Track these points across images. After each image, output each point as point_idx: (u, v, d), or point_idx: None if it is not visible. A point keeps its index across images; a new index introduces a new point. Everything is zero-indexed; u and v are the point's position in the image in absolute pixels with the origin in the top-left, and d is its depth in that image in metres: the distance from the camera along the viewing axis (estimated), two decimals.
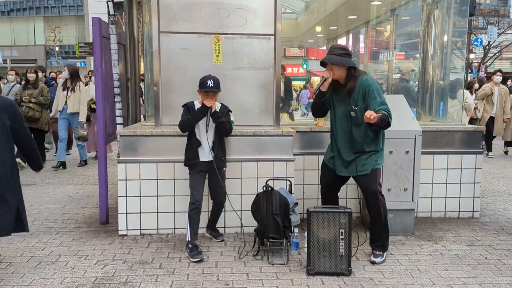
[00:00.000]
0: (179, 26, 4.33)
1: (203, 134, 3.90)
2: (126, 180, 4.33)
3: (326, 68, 3.69)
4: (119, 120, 4.97)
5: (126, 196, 4.35)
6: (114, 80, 4.94)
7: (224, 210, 4.32)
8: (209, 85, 3.79)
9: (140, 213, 4.38)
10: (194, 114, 3.84)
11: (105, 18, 4.90)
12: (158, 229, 4.41)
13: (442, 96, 5.79)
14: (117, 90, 4.96)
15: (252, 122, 4.49)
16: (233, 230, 4.45)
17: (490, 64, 31.38)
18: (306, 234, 3.58)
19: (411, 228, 4.49)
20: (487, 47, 29.69)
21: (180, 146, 4.27)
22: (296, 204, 4.06)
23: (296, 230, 3.98)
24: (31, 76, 7.74)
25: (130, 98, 5.47)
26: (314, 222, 3.48)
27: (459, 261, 3.86)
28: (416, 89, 6.55)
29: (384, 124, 3.49)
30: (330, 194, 3.98)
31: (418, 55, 6.50)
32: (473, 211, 5.10)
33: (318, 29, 10.90)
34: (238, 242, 4.22)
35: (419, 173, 4.40)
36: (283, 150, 4.42)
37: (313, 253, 3.48)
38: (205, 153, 3.93)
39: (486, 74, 25.80)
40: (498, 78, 9.58)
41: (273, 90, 4.47)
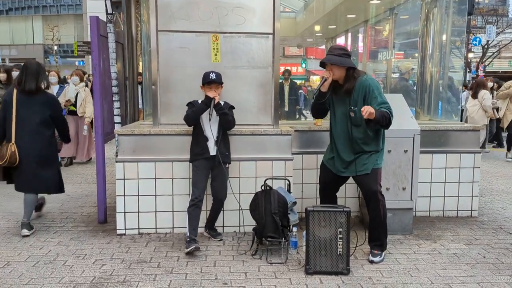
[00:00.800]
0: (178, 25, 4.31)
1: (207, 128, 3.99)
2: (124, 179, 4.32)
3: (325, 68, 3.69)
4: (117, 119, 4.97)
5: (124, 195, 4.34)
6: (112, 79, 4.93)
7: (222, 210, 4.32)
8: (211, 77, 3.91)
9: (138, 212, 4.37)
10: (198, 105, 3.95)
11: (103, 17, 4.89)
12: (156, 228, 4.40)
13: (440, 95, 5.79)
14: (115, 89, 4.96)
15: (250, 121, 4.48)
16: (231, 229, 4.44)
17: (489, 63, 31.40)
18: (305, 233, 3.58)
19: (410, 227, 4.49)
20: (486, 47, 29.72)
21: (178, 145, 4.27)
22: (294, 203, 4.06)
23: (294, 229, 3.98)
24: (2, 76, 7.25)
25: (128, 97, 5.46)
26: (313, 221, 3.47)
27: (458, 260, 3.86)
28: (415, 88, 6.55)
29: (385, 121, 3.48)
30: (329, 194, 3.97)
31: (417, 55, 6.49)
32: (471, 210, 5.10)
33: (317, 28, 10.90)
34: (236, 241, 4.21)
35: (418, 172, 4.40)
36: (282, 149, 4.42)
37: (311, 252, 3.48)
38: (211, 146, 4.00)
39: (484, 74, 25.84)
40: None
41: (271, 89, 4.47)
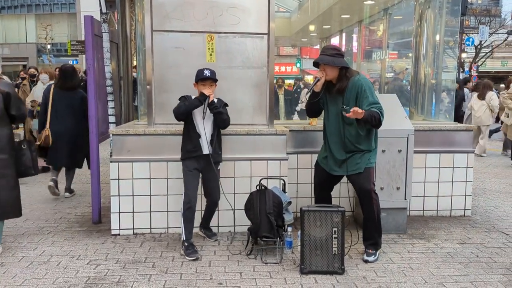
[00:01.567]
0: (172, 25, 4.31)
1: (201, 125, 3.86)
2: (118, 179, 4.31)
3: (319, 68, 3.70)
4: (112, 119, 4.95)
5: (119, 195, 4.33)
6: (106, 78, 4.92)
7: (217, 209, 4.32)
8: (206, 74, 3.79)
9: (133, 212, 4.36)
10: (191, 100, 3.79)
11: (97, 16, 4.87)
12: (151, 228, 4.39)
13: (434, 95, 5.82)
14: (109, 89, 4.94)
15: (245, 121, 4.48)
16: (226, 229, 4.45)
17: (482, 63, 31.62)
18: (300, 233, 3.58)
19: (404, 226, 4.51)
20: (479, 47, 29.91)
21: (173, 145, 4.25)
22: (289, 203, 4.07)
23: (289, 229, 3.99)
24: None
25: (123, 96, 5.45)
26: (308, 221, 3.48)
27: (451, 259, 3.88)
28: (409, 88, 6.59)
29: (375, 121, 3.49)
30: (323, 193, 3.99)
31: (410, 54, 6.53)
32: (464, 210, 5.14)
33: (312, 28, 10.95)
34: (231, 241, 4.21)
35: (412, 172, 4.42)
36: (277, 149, 4.42)
37: (306, 252, 3.49)
38: (204, 145, 3.88)
39: (477, 74, 26.02)
40: None
41: (266, 89, 4.47)
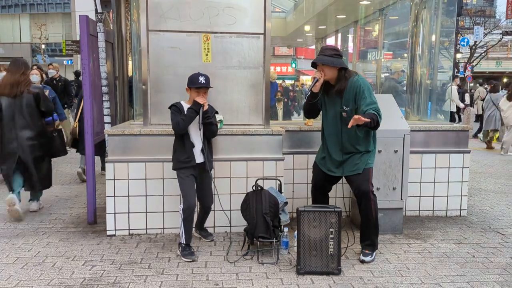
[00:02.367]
0: (168, 25, 4.29)
1: (196, 134, 3.82)
2: (114, 179, 4.29)
3: (317, 69, 3.69)
4: (107, 119, 4.93)
5: (115, 196, 4.31)
6: (102, 78, 4.89)
7: (213, 210, 4.31)
8: (201, 81, 3.73)
9: (128, 213, 4.34)
10: (188, 113, 3.72)
11: (92, 16, 4.85)
12: (146, 229, 4.38)
13: (430, 95, 5.83)
14: (105, 89, 4.92)
15: (241, 121, 4.47)
16: (222, 230, 4.43)
17: (477, 64, 31.77)
18: (296, 233, 3.58)
19: (400, 227, 4.51)
20: (474, 47, 30.05)
21: (169, 145, 4.22)
22: (285, 203, 4.06)
23: (285, 229, 3.98)
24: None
25: (118, 97, 5.42)
26: (304, 222, 3.48)
27: (447, 259, 3.89)
28: (404, 88, 6.60)
29: (373, 124, 3.49)
30: (320, 194, 3.98)
31: (406, 55, 6.54)
32: (460, 210, 5.15)
33: (307, 28, 10.94)
34: (227, 242, 4.20)
35: (408, 172, 4.43)
36: (273, 149, 4.42)
37: (303, 252, 3.48)
38: (197, 154, 3.85)
39: (472, 74, 26.12)
40: None
41: (262, 89, 4.47)
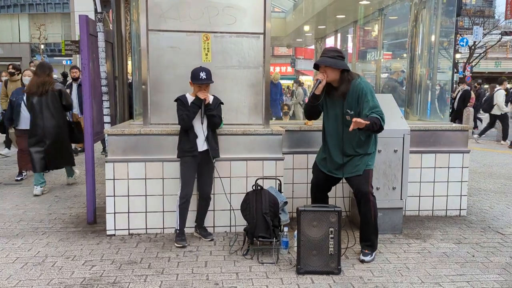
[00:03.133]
0: (168, 24, 4.29)
1: (199, 126, 4.00)
2: (114, 179, 4.29)
3: (319, 71, 3.69)
4: (107, 119, 4.92)
5: (114, 195, 4.30)
6: (101, 78, 4.89)
7: (213, 210, 4.31)
8: (201, 77, 3.90)
9: (128, 212, 4.34)
10: (190, 108, 3.93)
11: (91, 16, 4.84)
12: (146, 228, 4.37)
13: (429, 95, 5.83)
14: (104, 89, 4.91)
15: (241, 121, 4.48)
16: (222, 230, 4.43)
17: (476, 64, 31.80)
18: (296, 233, 3.58)
19: (400, 226, 4.52)
20: (473, 47, 30.08)
21: (169, 145, 4.24)
22: (285, 203, 4.06)
23: (285, 229, 3.98)
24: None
25: (118, 96, 5.42)
26: (304, 221, 3.48)
27: (447, 259, 3.89)
28: (404, 88, 6.60)
29: (376, 128, 3.49)
30: (320, 194, 3.98)
31: (405, 55, 6.54)
32: (460, 210, 5.15)
33: (307, 28, 10.95)
34: (227, 241, 4.20)
35: (408, 172, 4.43)
36: (273, 149, 4.42)
37: (303, 252, 3.48)
38: (201, 143, 4.03)
39: (471, 74, 26.14)
40: None
41: (262, 89, 4.47)
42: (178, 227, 4.06)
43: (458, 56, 28.21)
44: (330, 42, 11.16)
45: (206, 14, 4.32)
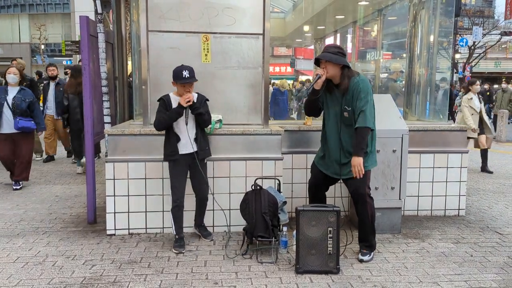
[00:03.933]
0: (168, 25, 4.31)
1: (183, 128, 3.87)
2: (114, 179, 4.31)
3: (320, 66, 3.71)
4: (107, 119, 4.94)
5: (114, 195, 4.32)
6: (102, 79, 4.91)
7: (212, 210, 4.33)
8: (185, 76, 3.73)
9: (128, 212, 4.35)
10: (170, 114, 3.78)
11: (91, 17, 4.86)
12: (146, 228, 4.39)
13: (428, 95, 5.85)
14: (105, 89, 4.93)
15: (240, 121, 4.49)
16: (221, 229, 4.45)
17: (475, 64, 31.80)
18: (295, 232, 3.60)
19: (398, 226, 4.53)
20: (472, 48, 30.09)
21: None
22: (284, 203, 4.08)
23: (284, 228, 4.00)
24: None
25: (118, 97, 5.44)
26: (303, 221, 3.49)
27: (445, 258, 3.91)
28: (403, 89, 6.62)
29: (365, 143, 3.58)
30: (318, 193, 3.99)
31: (404, 55, 6.56)
32: (458, 209, 5.17)
33: (306, 28, 10.97)
34: (227, 241, 4.22)
35: (406, 172, 4.45)
36: (272, 149, 4.44)
37: (301, 251, 3.50)
38: (185, 146, 3.89)
39: (471, 74, 26.15)
40: None
41: (261, 89, 4.49)
42: (175, 232, 4.00)
43: (457, 56, 28.22)
44: (329, 42, 11.18)
45: (206, 15, 4.34)
